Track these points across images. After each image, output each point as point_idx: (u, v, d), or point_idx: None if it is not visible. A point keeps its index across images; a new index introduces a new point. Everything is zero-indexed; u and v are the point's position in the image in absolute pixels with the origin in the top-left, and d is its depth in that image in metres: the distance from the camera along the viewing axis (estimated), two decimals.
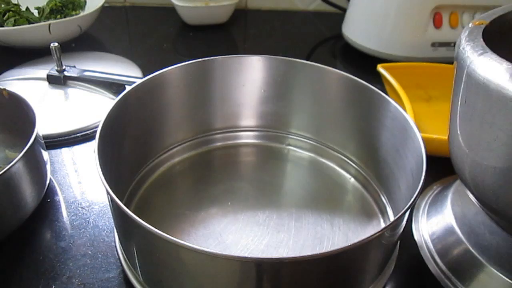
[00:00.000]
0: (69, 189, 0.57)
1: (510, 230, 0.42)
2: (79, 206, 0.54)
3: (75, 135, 0.65)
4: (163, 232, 0.34)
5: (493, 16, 0.41)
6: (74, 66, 0.76)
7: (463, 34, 0.39)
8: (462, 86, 0.38)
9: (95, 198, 0.56)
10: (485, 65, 0.34)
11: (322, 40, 1.01)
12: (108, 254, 0.48)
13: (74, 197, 0.56)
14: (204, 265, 0.36)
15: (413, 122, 0.47)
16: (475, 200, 0.42)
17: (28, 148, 0.47)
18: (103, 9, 0.91)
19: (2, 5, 0.87)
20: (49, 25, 0.80)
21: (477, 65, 0.35)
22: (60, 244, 0.49)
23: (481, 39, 0.37)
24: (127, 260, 0.45)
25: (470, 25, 0.40)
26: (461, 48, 0.38)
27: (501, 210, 0.39)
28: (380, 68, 0.75)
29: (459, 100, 0.39)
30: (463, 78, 0.37)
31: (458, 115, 0.40)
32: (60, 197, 0.56)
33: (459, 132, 0.40)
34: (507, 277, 0.42)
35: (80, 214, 0.53)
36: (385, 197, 0.54)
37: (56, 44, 0.72)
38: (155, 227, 0.34)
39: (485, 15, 0.41)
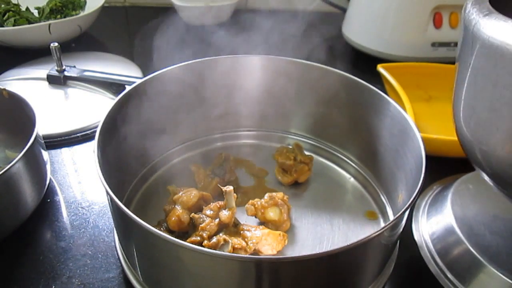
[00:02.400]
0: (69, 189, 0.57)
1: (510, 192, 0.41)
2: (79, 206, 0.54)
3: (75, 135, 0.65)
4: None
5: None
6: (74, 66, 0.76)
7: (468, 1, 0.39)
8: (467, 48, 0.37)
9: (95, 198, 0.56)
10: (490, 25, 0.34)
11: (322, 40, 1.01)
12: (108, 254, 0.48)
13: (74, 197, 0.56)
14: (203, 265, 0.36)
15: (413, 122, 0.47)
16: (492, 182, 0.41)
17: (28, 148, 0.47)
18: (103, 9, 0.91)
19: (2, 5, 0.87)
20: (49, 25, 0.80)
21: (482, 25, 0.34)
22: (60, 244, 0.49)
23: (487, 1, 0.37)
24: (127, 260, 0.45)
25: None
26: (467, 11, 0.37)
27: (504, 172, 0.38)
28: (380, 68, 0.75)
29: (468, 71, 0.38)
30: (469, 40, 0.37)
31: (465, 90, 0.39)
32: (60, 197, 0.56)
33: (463, 98, 0.40)
34: (507, 277, 0.42)
35: (80, 214, 0.53)
36: (385, 197, 0.54)
37: (56, 44, 0.72)
38: (155, 227, 0.35)
39: None
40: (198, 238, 0.44)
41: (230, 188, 0.47)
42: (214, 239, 0.44)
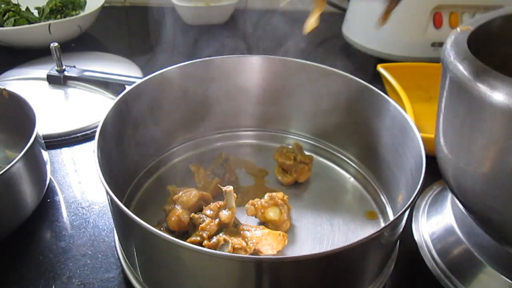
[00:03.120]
0: (69, 189, 0.57)
1: (495, 236, 0.42)
2: (79, 206, 0.54)
3: (75, 135, 0.65)
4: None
5: (479, 22, 0.42)
6: (74, 66, 0.76)
7: (449, 39, 0.40)
8: (445, 89, 0.39)
9: (95, 198, 0.56)
10: (466, 70, 0.35)
11: (322, 40, 1.01)
12: (108, 254, 0.48)
13: (74, 197, 0.56)
14: (203, 265, 0.36)
15: (413, 122, 0.47)
16: (461, 206, 0.43)
17: (28, 148, 0.47)
18: (103, 9, 0.91)
19: (2, 5, 0.87)
20: (49, 25, 0.80)
21: (459, 69, 0.35)
22: (60, 244, 0.49)
23: (465, 45, 0.38)
24: (127, 260, 0.45)
25: (457, 29, 0.41)
26: (446, 53, 0.38)
27: (485, 216, 0.39)
28: (380, 68, 0.75)
29: (443, 103, 0.40)
30: (446, 82, 0.38)
31: (441, 118, 0.40)
32: (60, 197, 0.56)
33: (441, 136, 0.41)
34: (506, 277, 0.42)
35: (80, 214, 0.53)
36: (385, 197, 0.54)
37: (56, 44, 0.72)
38: (155, 227, 0.35)
39: (471, 21, 0.42)
40: (198, 238, 0.44)
41: (230, 188, 0.47)
42: (214, 239, 0.44)
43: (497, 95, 0.32)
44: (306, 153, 0.59)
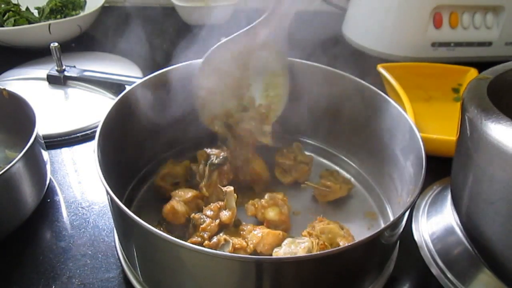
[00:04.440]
0: (69, 189, 0.57)
1: (491, 268, 0.43)
2: (79, 206, 0.54)
3: (75, 135, 0.65)
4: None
5: (498, 72, 0.44)
6: (74, 66, 0.76)
7: (469, 87, 0.42)
8: (467, 138, 0.40)
9: (95, 198, 0.56)
10: (491, 124, 0.36)
11: (322, 40, 1.01)
12: (108, 254, 0.48)
13: (74, 197, 0.56)
14: (204, 265, 0.36)
15: (413, 122, 0.47)
16: (473, 247, 0.44)
17: (28, 148, 0.47)
18: (103, 9, 0.91)
19: (2, 5, 0.87)
20: (49, 25, 0.80)
21: (483, 123, 0.37)
22: (60, 244, 0.49)
23: (486, 96, 0.40)
24: (127, 260, 0.45)
25: (477, 77, 0.43)
26: (467, 103, 0.40)
27: (499, 262, 0.40)
28: (380, 68, 0.75)
29: (464, 150, 0.41)
30: (468, 132, 0.39)
31: (460, 164, 0.42)
32: (60, 197, 0.56)
33: (461, 182, 0.42)
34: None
35: (80, 214, 0.53)
36: (385, 197, 0.54)
37: (56, 44, 0.72)
38: (155, 227, 0.35)
39: (491, 70, 0.44)
40: (199, 239, 0.44)
41: (230, 188, 0.47)
42: (215, 239, 0.44)
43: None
44: (306, 153, 0.59)
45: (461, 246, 0.46)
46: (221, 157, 0.53)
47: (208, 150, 0.54)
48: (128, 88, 0.52)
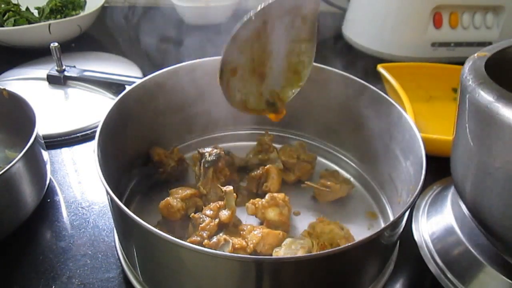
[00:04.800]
0: (69, 189, 0.57)
1: (505, 252, 0.43)
2: (79, 206, 0.54)
3: (75, 135, 0.65)
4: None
5: (495, 49, 0.43)
6: (74, 66, 0.76)
7: (466, 64, 0.41)
8: (464, 111, 0.39)
9: (95, 198, 0.56)
10: (485, 93, 0.36)
11: (322, 40, 1.01)
12: (108, 254, 0.48)
13: (74, 197, 0.56)
14: (204, 265, 0.36)
15: (413, 122, 0.47)
16: (475, 221, 0.43)
17: (28, 148, 0.47)
18: (103, 9, 0.91)
19: (2, 5, 0.87)
20: (49, 25, 0.80)
21: (478, 92, 0.37)
22: (60, 244, 0.49)
23: (483, 69, 0.39)
24: (127, 260, 0.45)
25: (475, 55, 0.42)
26: (464, 76, 0.39)
27: (500, 234, 0.40)
28: (380, 68, 0.75)
29: (462, 124, 0.40)
30: (465, 104, 0.39)
31: (459, 139, 0.41)
32: (60, 197, 0.56)
33: (459, 155, 0.41)
34: (506, 277, 0.42)
35: (80, 214, 0.53)
36: (385, 197, 0.54)
37: (56, 44, 0.72)
38: (155, 227, 0.35)
39: (487, 48, 0.44)
40: (198, 238, 0.44)
41: (230, 188, 0.47)
42: (215, 239, 0.44)
43: None
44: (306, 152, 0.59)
45: (461, 246, 0.46)
46: (213, 154, 0.53)
47: (201, 150, 0.54)
48: (128, 88, 0.52)
